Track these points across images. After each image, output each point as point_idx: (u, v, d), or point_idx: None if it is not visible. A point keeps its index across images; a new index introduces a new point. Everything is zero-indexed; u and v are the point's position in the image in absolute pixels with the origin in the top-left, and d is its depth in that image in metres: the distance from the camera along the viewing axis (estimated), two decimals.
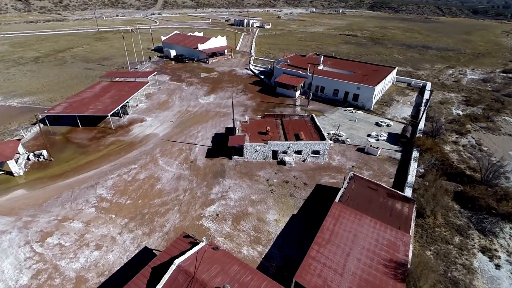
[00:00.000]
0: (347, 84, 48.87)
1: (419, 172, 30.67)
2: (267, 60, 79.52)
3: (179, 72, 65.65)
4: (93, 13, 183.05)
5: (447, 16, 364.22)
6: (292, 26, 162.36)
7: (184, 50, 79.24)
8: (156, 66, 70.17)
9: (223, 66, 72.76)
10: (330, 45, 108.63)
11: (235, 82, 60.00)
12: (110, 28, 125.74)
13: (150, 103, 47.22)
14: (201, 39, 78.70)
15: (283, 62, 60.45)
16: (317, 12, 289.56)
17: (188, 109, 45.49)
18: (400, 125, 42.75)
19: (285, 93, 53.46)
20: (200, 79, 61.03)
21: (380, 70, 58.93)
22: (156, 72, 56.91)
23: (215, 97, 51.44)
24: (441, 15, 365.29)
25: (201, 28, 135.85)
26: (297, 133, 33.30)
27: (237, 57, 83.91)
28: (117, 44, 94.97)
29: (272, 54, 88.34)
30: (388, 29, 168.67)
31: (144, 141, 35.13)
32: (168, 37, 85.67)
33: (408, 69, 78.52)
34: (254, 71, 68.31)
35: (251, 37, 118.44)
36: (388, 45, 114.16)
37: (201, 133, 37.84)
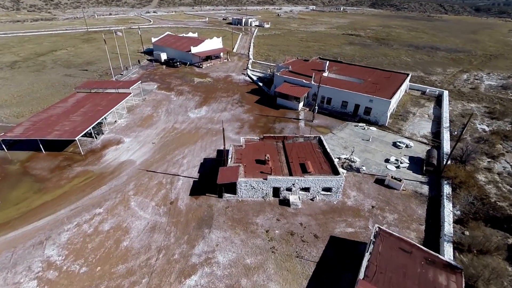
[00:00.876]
0: (358, 95, 42.65)
1: (455, 215, 24.61)
2: (267, 64, 73.17)
3: (169, 79, 59.30)
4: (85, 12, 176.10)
5: (449, 14, 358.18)
6: (292, 25, 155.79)
7: (175, 53, 72.81)
8: (144, 71, 63.77)
9: (218, 71, 66.42)
10: (333, 46, 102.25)
11: (231, 91, 53.72)
12: (100, 28, 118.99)
13: (131, 118, 40.95)
14: (194, 41, 72.27)
15: (284, 68, 54.16)
16: (318, 10, 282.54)
17: (175, 125, 39.24)
18: (421, 146, 36.63)
19: (286, 105, 47.26)
20: (191, 87, 54.74)
21: (392, 77, 52.72)
22: (140, 81, 50.48)
23: (207, 109, 45.20)
24: (444, 13, 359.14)
25: (197, 28, 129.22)
26: (303, 162, 27.16)
27: (234, 60, 77.52)
28: (105, 45, 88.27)
29: (271, 57, 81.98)
30: (392, 28, 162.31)
31: (117, 172, 28.93)
32: (159, 39, 79.15)
33: (419, 73, 72.30)
34: (252, 77, 61.99)
35: (250, 38, 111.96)
36: (394, 46, 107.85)
37: (187, 158, 31.66)
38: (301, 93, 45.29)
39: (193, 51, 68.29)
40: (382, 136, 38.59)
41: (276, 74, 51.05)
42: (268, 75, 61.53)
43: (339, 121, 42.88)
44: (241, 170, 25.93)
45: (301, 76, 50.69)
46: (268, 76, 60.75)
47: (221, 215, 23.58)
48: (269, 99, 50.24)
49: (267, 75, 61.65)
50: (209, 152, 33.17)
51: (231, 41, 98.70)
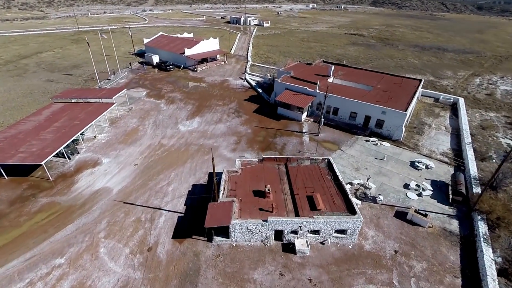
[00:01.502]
0: (369, 106, 38.00)
1: (496, 264, 20.10)
2: (266, 67, 68.45)
3: (160, 84, 54.52)
4: (78, 10, 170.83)
5: (451, 12, 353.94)
6: (292, 24, 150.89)
7: (168, 56, 67.98)
8: (133, 76, 58.93)
9: (214, 75, 61.65)
10: (336, 46, 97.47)
11: (227, 98, 49.03)
12: (93, 28, 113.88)
13: (113, 133, 36.25)
14: (189, 43, 67.42)
15: (286, 74, 49.46)
16: (318, 8, 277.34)
17: (162, 142, 34.56)
18: (442, 167, 32.08)
19: (288, 115, 42.62)
20: (184, 94, 50.02)
21: (404, 83, 48.08)
22: (127, 88, 45.78)
23: (200, 121, 40.52)
24: (446, 12, 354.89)
25: (194, 27, 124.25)
26: (311, 195, 22.58)
27: (231, 62, 72.72)
28: (95, 47, 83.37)
29: (271, 59, 77.22)
30: (395, 28, 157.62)
31: (88, 204, 24.30)
32: (151, 40, 74.24)
33: (429, 77, 67.66)
34: (250, 82, 57.25)
35: (248, 37, 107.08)
36: (400, 46, 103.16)
37: (173, 185, 27.04)
38: (304, 103, 40.63)
39: (187, 54, 63.48)
40: (398, 154, 34.00)
41: (276, 81, 46.33)
42: (267, 80, 56.82)
43: (348, 134, 38.27)
44: (236, 206, 21.33)
45: (304, 82, 46.03)
46: (268, 81, 56.05)
47: (209, 267, 18.99)
48: (269, 108, 45.62)
49: (266, 80, 56.93)
50: (199, 176, 28.54)
51: (228, 42, 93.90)
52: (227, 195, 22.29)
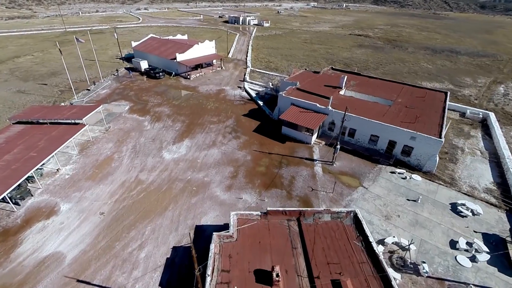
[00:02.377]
0: (394, 130, 31.33)
1: None
2: (268, 73, 61.63)
3: (146, 95, 47.69)
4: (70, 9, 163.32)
5: (454, 11, 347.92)
6: (294, 24, 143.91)
7: (159, 61, 61.08)
8: (117, 85, 52.00)
9: (209, 84, 54.82)
10: (341, 49, 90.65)
11: (223, 113, 42.30)
12: (81, 28, 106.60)
13: (82, 163, 29.47)
14: (182, 47, 60.48)
15: (291, 85, 42.74)
16: (319, 6, 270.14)
17: (141, 176, 27.83)
18: (491, 211, 25.51)
19: (295, 136, 35.94)
20: (173, 108, 43.25)
21: (428, 97, 41.41)
22: (106, 103, 39.01)
23: (190, 144, 33.79)
24: (449, 10, 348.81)
25: (190, 27, 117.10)
26: (337, 280, 15.93)
27: (229, 68, 65.86)
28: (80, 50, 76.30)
29: (272, 64, 70.42)
30: (400, 28, 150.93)
31: (28, 285, 17.56)
32: (140, 43, 67.21)
33: (447, 85, 61.05)
34: (250, 93, 50.45)
35: (248, 39, 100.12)
36: (409, 49, 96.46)
37: (147, 248, 20.35)
38: (315, 124, 33.90)
39: (179, 59, 56.59)
40: (433, 193, 27.37)
41: (280, 95, 39.52)
42: (269, 90, 50.04)
43: (368, 163, 31.61)
44: None
45: (313, 96, 39.33)
46: (270, 92, 49.29)
47: None
48: (272, 125, 38.94)
49: (268, 91, 50.14)
50: (183, 231, 21.84)
51: (226, 44, 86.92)
52: (217, 282, 15.56)
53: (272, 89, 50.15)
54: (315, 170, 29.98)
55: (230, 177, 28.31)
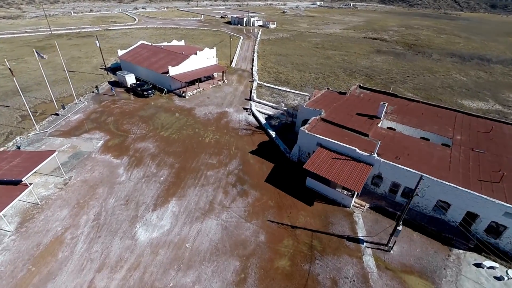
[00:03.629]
0: (478, 199, 21.25)
1: None
2: (279, 89, 51.61)
3: (128, 123, 37.81)
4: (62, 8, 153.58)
5: (465, 10, 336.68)
6: (301, 25, 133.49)
7: (148, 75, 51.22)
8: (94, 108, 42.13)
9: (208, 104, 44.91)
10: (359, 56, 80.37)
11: (226, 150, 32.41)
12: (69, 30, 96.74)
13: (14, 252, 19.67)
14: (176, 57, 50.54)
15: (314, 113, 32.72)
16: (326, 6, 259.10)
17: (97, 283, 17.91)
18: None
19: (326, 194, 26.02)
20: (160, 144, 33.40)
21: (496, 132, 31.28)
22: (57, 152, 29.21)
23: (177, 210, 23.92)
24: (459, 10, 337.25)
25: (189, 29, 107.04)
26: None
27: (232, 81, 55.88)
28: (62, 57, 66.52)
29: (283, 75, 60.40)
30: (415, 29, 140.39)
31: None
32: (127, 52, 57.20)
33: (494, 105, 50.93)
34: (258, 117, 40.46)
35: (253, 43, 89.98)
36: (434, 55, 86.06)
37: None
38: (358, 182, 23.79)
39: (172, 73, 46.70)
40: None
41: (302, 131, 29.46)
42: (283, 116, 40.02)
43: (437, 244, 21.64)
44: None
45: (345, 132, 29.36)
46: (284, 118, 39.24)
47: None
48: (290, 169, 29.02)
49: (281, 116, 40.12)
50: None
51: (229, 49, 76.89)
52: None
53: (286, 112, 40.12)
54: (366, 263, 19.95)
55: (234, 281, 18.34)
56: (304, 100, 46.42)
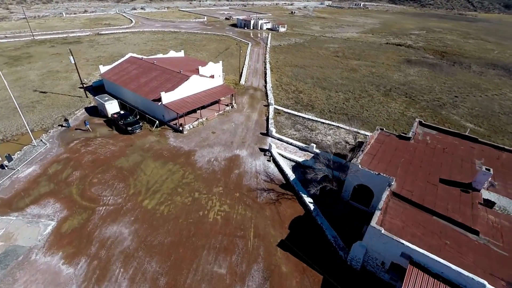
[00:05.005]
0: None
1: None
2: (302, 116, 40.02)
3: (100, 183, 26.46)
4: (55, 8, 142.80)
5: (479, 11, 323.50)
6: (313, 28, 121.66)
7: (136, 100, 39.95)
8: (59, 152, 30.79)
9: (213, 144, 33.47)
10: (388, 67, 68.60)
11: (240, 243, 21.10)
12: (54, 35, 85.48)
13: None
14: (171, 78, 39.14)
15: (383, 182, 21.20)
16: (335, 6, 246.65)
17: None
18: None
19: None
20: (141, 226, 22.24)
21: None
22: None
23: None
24: (473, 10, 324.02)
25: (190, 34, 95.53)
26: None
27: (243, 105, 44.49)
28: (37, 71, 55.48)
29: (304, 95, 48.97)
30: (437, 33, 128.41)
31: None
32: (112, 68, 45.76)
33: None
34: (283, 168, 28.90)
35: (263, 50, 78.43)
36: (473, 66, 74.11)
37: None
38: None
39: (165, 101, 35.32)
40: None
41: (374, 229, 17.77)
42: (318, 162, 28.41)
43: None
44: None
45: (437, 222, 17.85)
46: (322, 172, 27.51)
47: None
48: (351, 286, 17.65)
49: (317, 167, 28.52)
50: None
51: (236, 59, 65.49)
52: None
53: (325, 165, 28.35)
54: None
55: None
56: (337, 135, 34.85)
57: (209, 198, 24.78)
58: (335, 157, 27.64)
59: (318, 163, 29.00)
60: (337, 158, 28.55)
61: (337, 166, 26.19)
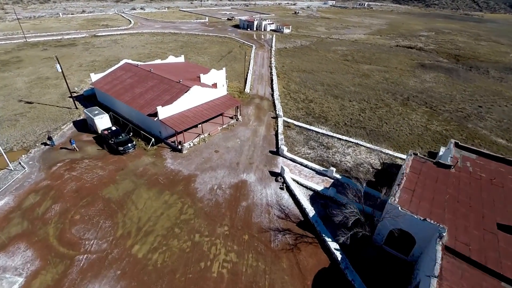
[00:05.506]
0: None
1: None
2: (314, 130, 35.62)
3: (82, 221, 22.26)
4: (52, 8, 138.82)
5: (484, 11, 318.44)
6: (319, 29, 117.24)
7: (131, 114, 35.74)
8: (39, 179, 26.58)
9: (216, 167, 29.21)
10: (402, 72, 64.23)
11: None
12: (48, 38, 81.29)
13: None
14: (169, 89, 34.91)
15: (430, 230, 16.87)
16: (338, 6, 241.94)
17: None
18: None
19: None
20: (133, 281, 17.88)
21: None
22: None
23: None
24: (478, 10, 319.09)
25: (191, 35, 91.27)
26: None
27: (249, 117, 40.22)
28: (25, 77, 51.34)
29: (315, 104, 44.67)
30: (447, 34, 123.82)
31: None
32: (104, 76, 41.49)
33: None
34: (300, 200, 24.60)
35: (267, 54, 74.11)
36: (491, 71, 69.71)
37: None
38: None
39: (162, 116, 31.09)
40: None
41: None
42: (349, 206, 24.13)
43: None
44: None
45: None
46: (355, 214, 23.14)
47: None
48: None
49: (340, 196, 24.23)
50: None
51: (239, 63, 61.30)
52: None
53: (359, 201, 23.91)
54: None
55: None
56: (357, 154, 30.42)
57: (212, 243, 20.52)
58: (367, 188, 23.24)
59: (341, 193, 24.72)
60: (367, 188, 24.19)
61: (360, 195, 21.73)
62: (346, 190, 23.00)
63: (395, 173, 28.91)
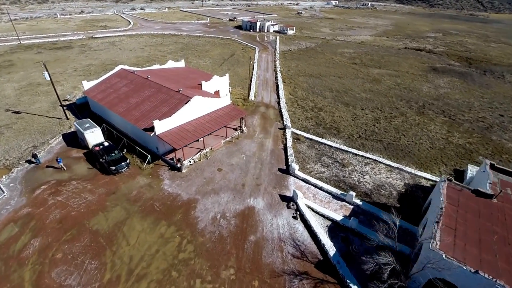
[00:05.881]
0: None
1: None
2: (326, 144, 32.33)
3: (64, 261, 19.16)
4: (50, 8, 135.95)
5: (489, 11, 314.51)
6: (323, 30, 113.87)
7: (126, 127, 32.57)
8: (18, 205, 23.39)
9: (219, 190, 26.00)
10: (414, 77, 60.87)
11: None
12: (44, 39, 78.16)
13: None
14: (168, 99, 31.73)
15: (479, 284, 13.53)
16: (341, 6, 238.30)
17: None
18: None
19: None
20: None
21: None
22: None
23: None
24: (483, 10, 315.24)
25: (192, 37, 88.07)
26: None
27: (254, 128, 36.99)
28: (15, 83, 48.21)
29: (325, 113, 41.44)
30: (455, 35, 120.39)
31: None
32: (98, 84, 38.30)
33: None
34: (318, 235, 21.36)
35: (272, 57, 70.86)
36: (506, 75, 66.39)
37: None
38: None
39: (159, 131, 27.88)
40: None
41: None
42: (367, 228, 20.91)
43: None
44: None
45: None
46: (387, 257, 19.85)
47: None
48: None
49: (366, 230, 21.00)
50: None
51: (243, 67, 58.07)
52: None
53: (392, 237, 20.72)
54: None
55: None
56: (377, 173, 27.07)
57: (216, 282, 17.29)
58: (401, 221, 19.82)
59: (364, 223, 21.45)
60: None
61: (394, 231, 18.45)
62: (371, 220, 19.71)
63: (420, 197, 25.71)
